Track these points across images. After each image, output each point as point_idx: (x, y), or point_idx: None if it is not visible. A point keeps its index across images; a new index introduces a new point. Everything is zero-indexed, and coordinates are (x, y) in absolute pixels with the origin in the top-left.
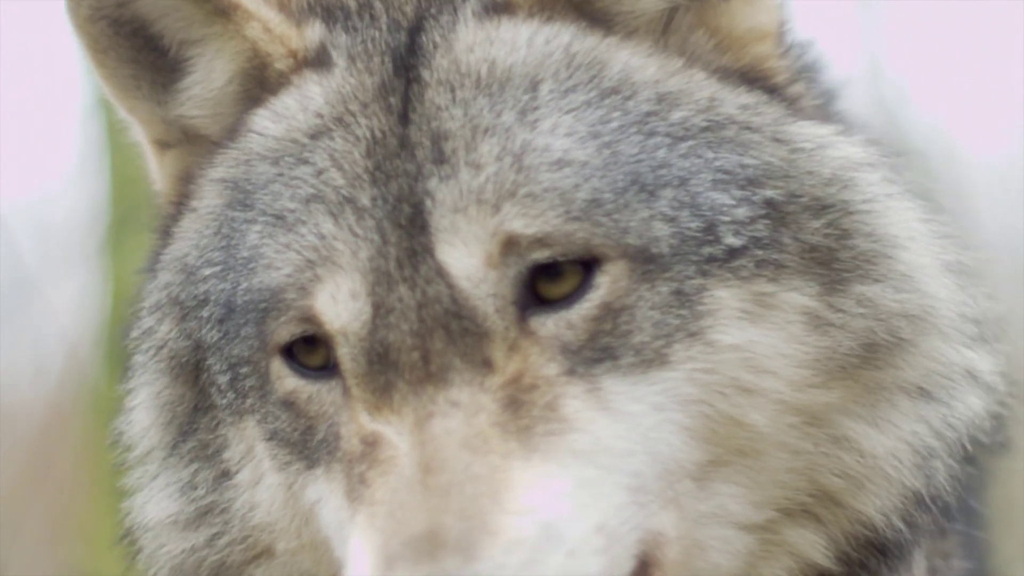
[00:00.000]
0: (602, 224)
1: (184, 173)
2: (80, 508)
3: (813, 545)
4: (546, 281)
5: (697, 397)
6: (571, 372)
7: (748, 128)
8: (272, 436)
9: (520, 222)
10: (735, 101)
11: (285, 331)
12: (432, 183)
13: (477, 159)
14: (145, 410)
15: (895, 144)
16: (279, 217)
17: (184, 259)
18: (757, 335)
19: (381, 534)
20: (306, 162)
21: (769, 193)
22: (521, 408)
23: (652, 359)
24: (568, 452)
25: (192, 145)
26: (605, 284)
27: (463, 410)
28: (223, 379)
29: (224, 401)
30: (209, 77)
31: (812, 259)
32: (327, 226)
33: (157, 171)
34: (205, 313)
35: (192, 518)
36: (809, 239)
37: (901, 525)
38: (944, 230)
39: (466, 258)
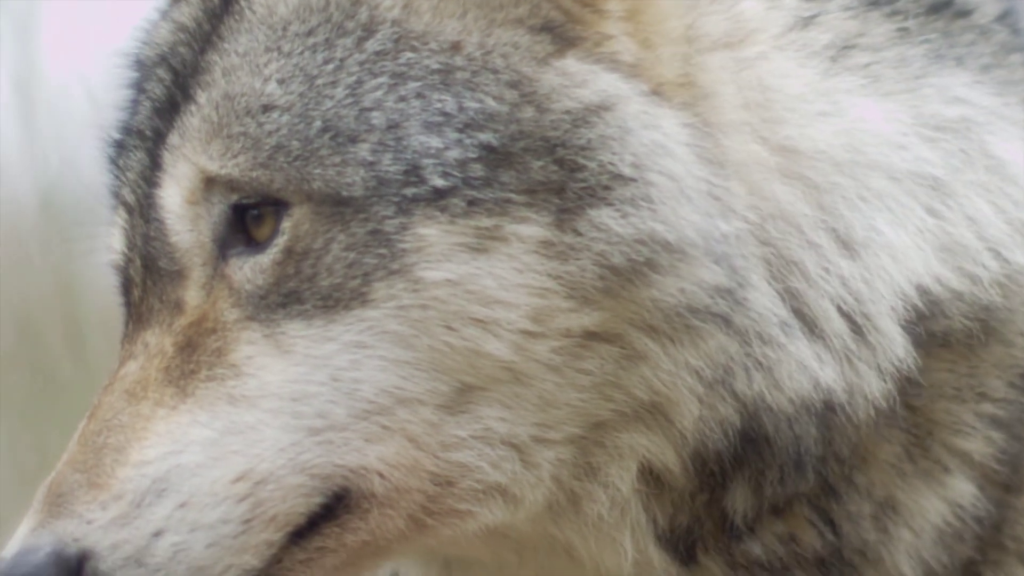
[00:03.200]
0: (283, 170)
1: None
2: None
3: (653, 448)
4: (254, 224)
5: (409, 333)
6: (252, 317)
7: (485, 69)
8: None
9: (216, 163)
10: (482, 43)
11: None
12: (175, 119)
13: (203, 99)
14: None
15: None
16: (119, 145)
17: None
18: (483, 268)
19: None
20: (142, 91)
21: (486, 136)
22: (194, 353)
23: (350, 299)
24: (225, 398)
25: None
26: (288, 229)
27: (147, 352)
28: None
29: None
30: None
31: (543, 191)
32: (122, 160)
33: None
34: None
35: None
36: (534, 176)
37: (736, 440)
38: None
39: (174, 195)
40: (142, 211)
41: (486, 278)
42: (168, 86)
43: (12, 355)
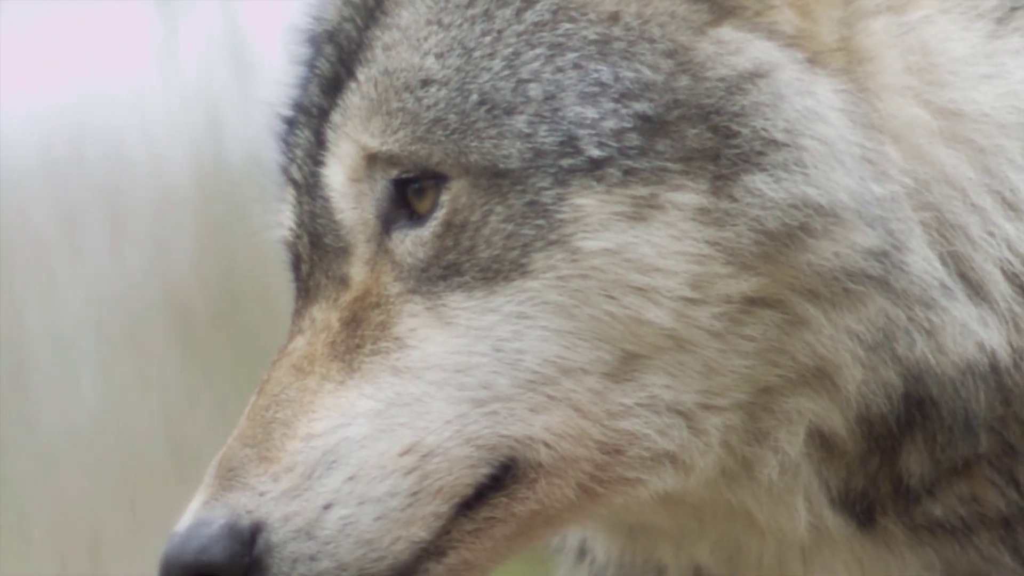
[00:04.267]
0: (442, 144)
1: None
2: None
3: (821, 412)
4: (415, 197)
5: (570, 303)
6: (414, 290)
7: (642, 39)
8: None
9: (377, 140)
10: (640, 12)
11: None
12: (338, 96)
13: (362, 75)
14: None
15: None
16: (289, 123)
17: None
18: (639, 236)
19: None
20: (312, 68)
21: (642, 106)
22: (359, 327)
23: (509, 270)
24: (389, 370)
25: None
26: (447, 202)
27: (313, 328)
28: None
29: None
30: None
31: (698, 158)
32: (290, 137)
33: None
34: None
35: None
36: (690, 144)
37: (901, 403)
38: None
39: (337, 173)
40: (309, 189)
41: (644, 246)
42: (333, 63)
43: (218, 320)
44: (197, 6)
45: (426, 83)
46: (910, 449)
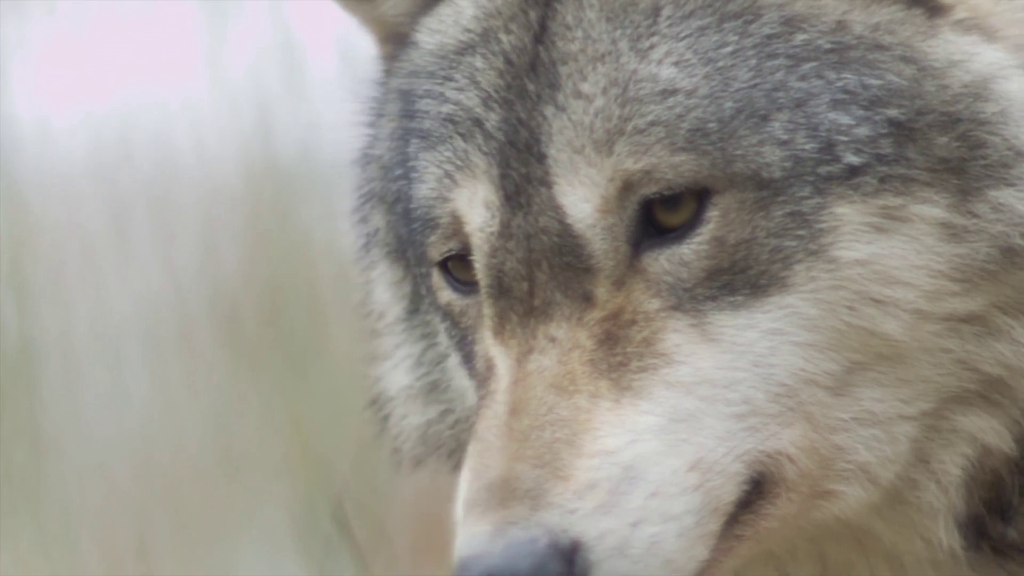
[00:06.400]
0: (708, 153)
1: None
2: None
3: (989, 430)
4: (663, 210)
5: (818, 314)
6: (676, 307)
7: (877, 47)
8: (449, 336)
9: (631, 160)
10: (866, 21)
11: (435, 249)
12: (548, 110)
13: (586, 89)
14: (382, 285)
15: None
16: (425, 135)
17: (381, 158)
18: (886, 248)
19: (467, 475)
20: (450, 79)
21: (892, 112)
22: (617, 344)
23: (768, 284)
24: (663, 386)
25: (395, 45)
26: (715, 218)
27: (559, 346)
28: (418, 272)
29: (423, 291)
30: None
31: (943, 170)
32: (459, 143)
33: None
34: (399, 209)
35: (423, 392)
36: (938, 153)
37: None
38: None
39: (582, 202)
40: (520, 203)
41: (891, 258)
42: (499, 74)
43: (266, 322)
44: (246, 8)
45: (669, 92)
46: None
